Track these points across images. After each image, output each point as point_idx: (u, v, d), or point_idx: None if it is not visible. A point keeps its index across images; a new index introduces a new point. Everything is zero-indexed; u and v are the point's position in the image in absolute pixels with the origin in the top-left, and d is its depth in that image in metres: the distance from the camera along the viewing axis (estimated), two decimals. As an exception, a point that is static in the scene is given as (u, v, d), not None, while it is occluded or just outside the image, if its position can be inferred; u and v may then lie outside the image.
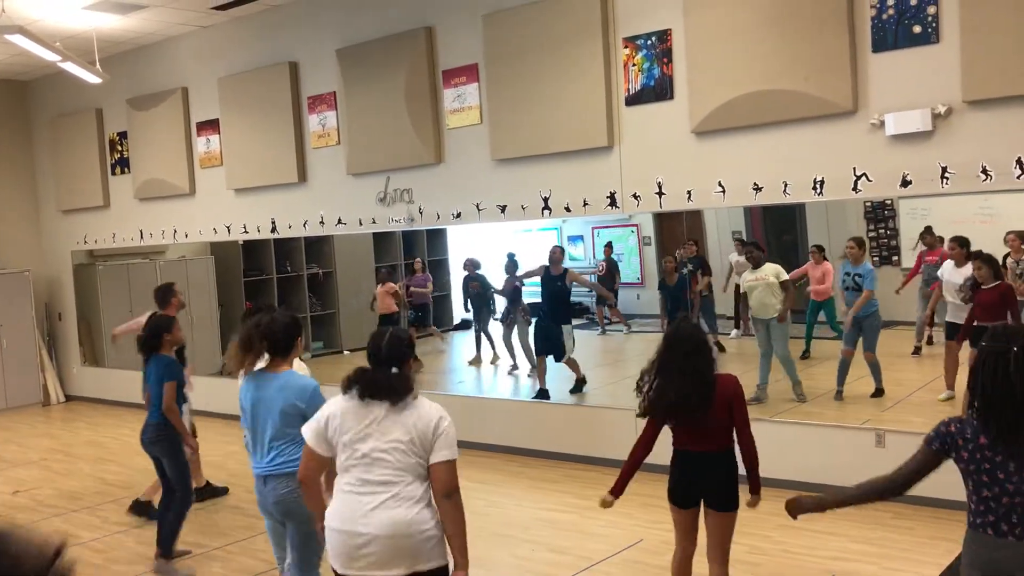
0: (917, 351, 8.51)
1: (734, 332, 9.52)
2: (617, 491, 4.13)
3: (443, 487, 3.28)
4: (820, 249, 8.39)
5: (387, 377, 3.35)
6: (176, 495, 5.76)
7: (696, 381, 3.98)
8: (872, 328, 7.51)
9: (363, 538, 3.24)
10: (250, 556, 5.91)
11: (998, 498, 2.76)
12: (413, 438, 3.27)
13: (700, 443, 4.04)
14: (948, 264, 7.41)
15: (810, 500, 3.26)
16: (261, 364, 4.18)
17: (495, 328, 10.88)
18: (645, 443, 4.12)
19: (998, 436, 2.73)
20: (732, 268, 9.22)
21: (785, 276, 7.87)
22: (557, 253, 8.89)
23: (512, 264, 10.05)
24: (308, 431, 3.44)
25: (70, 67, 8.49)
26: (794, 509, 3.28)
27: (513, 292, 10.07)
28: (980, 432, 2.77)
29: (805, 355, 8.72)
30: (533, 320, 9.36)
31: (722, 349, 8.93)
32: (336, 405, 3.40)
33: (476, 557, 5.54)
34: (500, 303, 10.83)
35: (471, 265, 10.85)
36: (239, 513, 6.81)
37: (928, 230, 8.23)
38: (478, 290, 10.83)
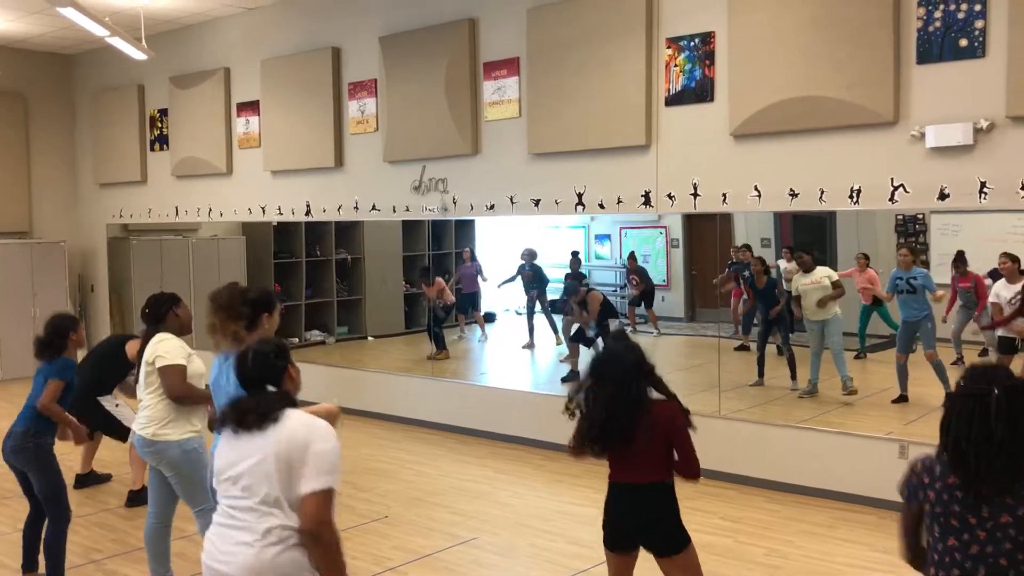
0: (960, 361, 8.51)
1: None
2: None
3: (309, 522, 2.81)
4: (866, 257, 8.75)
5: (251, 400, 3.00)
6: (51, 512, 4.91)
7: (624, 407, 3.50)
8: (928, 328, 7.66)
9: None
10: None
11: (966, 546, 2.52)
12: (277, 465, 2.85)
13: (627, 473, 3.57)
14: (1001, 280, 7.47)
15: None
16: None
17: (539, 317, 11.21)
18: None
19: (973, 479, 2.51)
20: (780, 275, 9.25)
21: (836, 276, 8.20)
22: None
23: (576, 261, 10.49)
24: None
25: (117, 42, 8.60)
26: None
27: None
28: (950, 471, 2.56)
29: (860, 356, 9.07)
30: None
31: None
32: (217, 448, 3.09)
33: (497, 544, 5.65)
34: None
35: (528, 255, 11.05)
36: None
37: (960, 257, 8.24)
38: (531, 279, 11.09)
